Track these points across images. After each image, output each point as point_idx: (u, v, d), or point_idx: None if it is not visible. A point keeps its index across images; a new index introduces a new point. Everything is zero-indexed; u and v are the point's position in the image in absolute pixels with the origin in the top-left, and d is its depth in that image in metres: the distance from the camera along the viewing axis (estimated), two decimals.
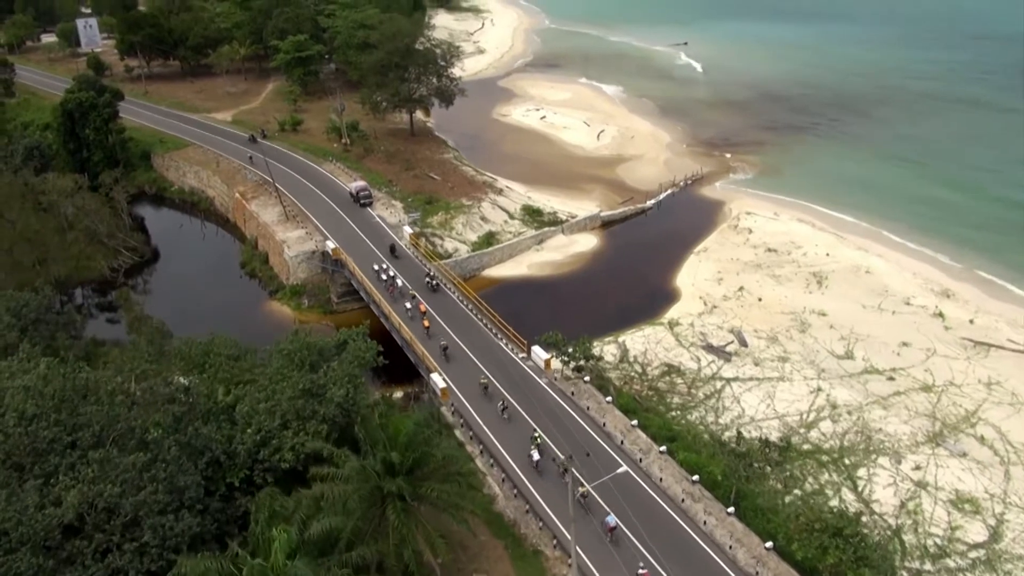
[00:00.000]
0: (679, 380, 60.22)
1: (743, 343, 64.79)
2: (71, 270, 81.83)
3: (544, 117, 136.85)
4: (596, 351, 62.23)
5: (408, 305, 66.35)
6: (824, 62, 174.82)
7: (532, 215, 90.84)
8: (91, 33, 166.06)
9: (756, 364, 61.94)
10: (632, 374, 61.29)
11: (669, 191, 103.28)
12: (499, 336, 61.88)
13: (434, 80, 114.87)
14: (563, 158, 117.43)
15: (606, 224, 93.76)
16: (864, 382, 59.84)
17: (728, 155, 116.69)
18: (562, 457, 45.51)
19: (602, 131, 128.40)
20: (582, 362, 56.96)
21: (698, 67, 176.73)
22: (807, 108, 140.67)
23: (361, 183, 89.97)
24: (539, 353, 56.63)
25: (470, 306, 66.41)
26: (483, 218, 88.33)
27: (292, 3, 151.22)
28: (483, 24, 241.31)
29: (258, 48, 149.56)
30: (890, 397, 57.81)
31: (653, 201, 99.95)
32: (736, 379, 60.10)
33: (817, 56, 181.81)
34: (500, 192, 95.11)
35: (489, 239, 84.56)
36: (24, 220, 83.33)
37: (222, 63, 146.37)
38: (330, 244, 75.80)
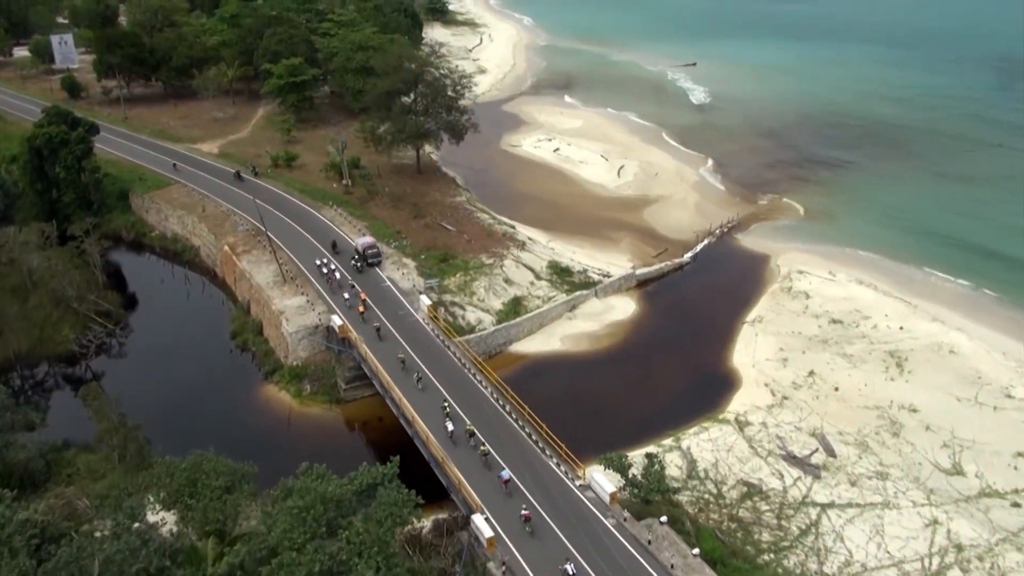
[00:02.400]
0: (764, 506, 50.19)
1: (830, 452, 54.91)
2: (33, 343, 70.94)
3: (558, 149, 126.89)
4: (656, 455, 52.34)
5: (347, 295, 69.72)
6: (849, 86, 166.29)
7: (561, 274, 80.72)
8: (66, 50, 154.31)
9: (852, 483, 52.05)
10: (706, 496, 51.21)
11: (705, 241, 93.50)
12: (540, 443, 51.35)
13: (443, 113, 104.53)
14: (584, 199, 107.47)
15: (642, 283, 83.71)
16: (985, 509, 50.12)
17: (765, 199, 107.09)
18: None
19: (622, 166, 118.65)
20: (656, 497, 46.68)
21: (709, 91, 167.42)
22: (840, 140, 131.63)
23: (369, 239, 79.43)
24: (601, 484, 46.28)
25: (501, 401, 55.85)
26: (507, 280, 78.06)
27: (285, 22, 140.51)
28: (481, 40, 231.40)
29: (248, 70, 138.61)
30: (1021, 532, 47.97)
31: (690, 254, 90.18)
32: (832, 505, 50.15)
33: (840, 79, 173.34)
34: (523, 246, 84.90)
35: (516, 307, 74.32)
36: None
37: (208, 87, 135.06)
38: (336, 320, 65.19)
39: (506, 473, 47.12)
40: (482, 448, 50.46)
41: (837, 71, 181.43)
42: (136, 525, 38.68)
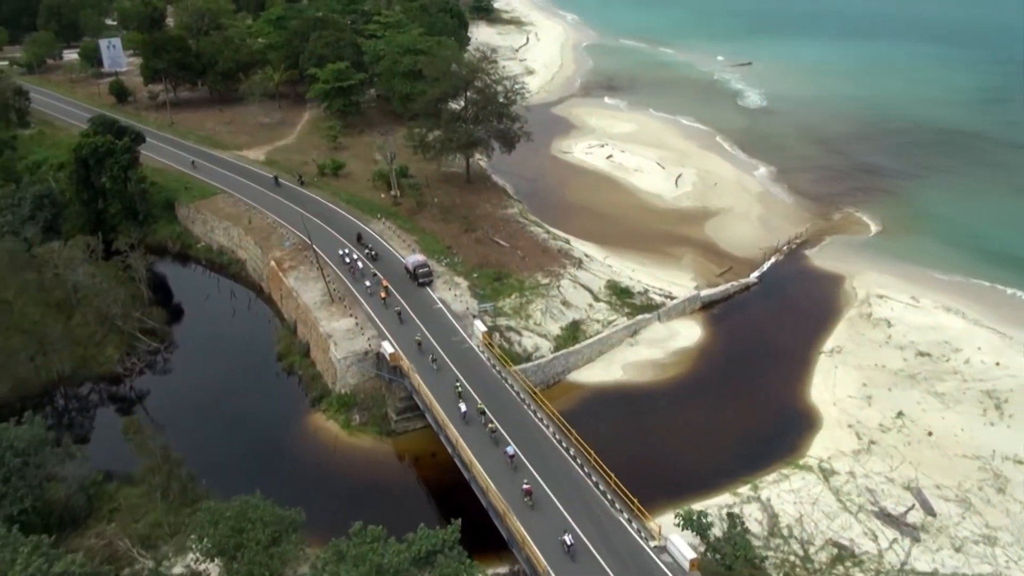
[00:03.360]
0: (858, 573, 45.36)
1: (929, 510, 49.86)
2: (77, 363, 68.72)
3: (611, 156, 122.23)
4: (734, 509, 47.94)
5: (368, 283, 72.05)
6: (916, 89, 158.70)
7: (621, 296, 76.30)
8: (114, 54, 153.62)
9: (956, 548, 46.97)
10: (792, 559, 46.56)
11: (772, 259, 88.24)
12: (608, 494, 47.09)
13: (494, 121, 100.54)
14: (640, 210, 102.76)
15: (706, 305, 78.89)
16: None
17: (835, 213, 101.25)
18: None
19: (679, 175, 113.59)
20: (739, 563, 42.20)
21: (764, 92, 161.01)
22: (910, 148, 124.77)
23: (419, 257, 75.85)
24: (680, 549, 41.79)
25: (565, 444, 51.67)
26: (564, 302, 73.85)
27: (331, 25, 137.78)
28: (527, 39, 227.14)
29: (293, 73, 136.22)
30: None
31: (756, 274, 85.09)
32: (936, 574, 45.01)
33: (905, 81, 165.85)
34: (580, 264, 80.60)
35: (574, 332, 70.12)
36: (23, 302, 70.31)
37: (254, 92, 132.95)
38: (387, 347, 61.65)
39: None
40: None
41: (901, 73, 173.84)
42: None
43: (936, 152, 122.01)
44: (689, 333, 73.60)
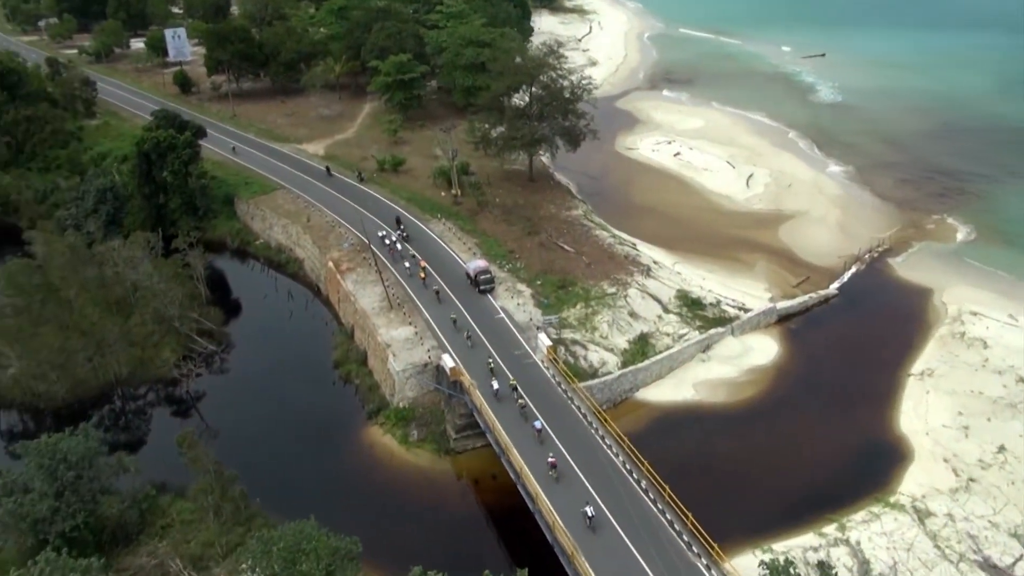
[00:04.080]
0: None
1: None
2: (134, 364, 67.89)
3: (678, 154, 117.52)
4: (820, 553, 44.14)
5: (407, 264, 74.59)
6: (1007, 85, 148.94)
7: (691, 307, 72.32)
8: (179, 43, 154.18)
9: None
10: None
11: (853, 268, 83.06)
12: (683, 535, 43.65)
13: (559, 118, 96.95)
14: (709, 213, 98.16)
15: (783, 318, 74.38)
16: None
17: (920, 218, 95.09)
18: None
19: (751, 175, 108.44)
20: None
21: (839, 86, 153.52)
22: (995, 148, 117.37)
23: (481, 263, 72.98)
24: None
25: (636, 475, 48.29)
26: (632, 313, 70.23)
27: (393, 15, 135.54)
28: (591, 28, 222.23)
29: (355, 65, 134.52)
30: None
31: (836, 284, 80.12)
32: None
33: (984, 75, 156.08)
34: (648, 271, 76.75)
35: (643, 346, 66.51)
36: (83, 300, 69.75)
37: (315, 84, 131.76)
38: (448, 360, 59.03)
39: None
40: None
41: (978, 66, 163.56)
42: None
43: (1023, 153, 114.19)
44: (765, 349, 69.31)
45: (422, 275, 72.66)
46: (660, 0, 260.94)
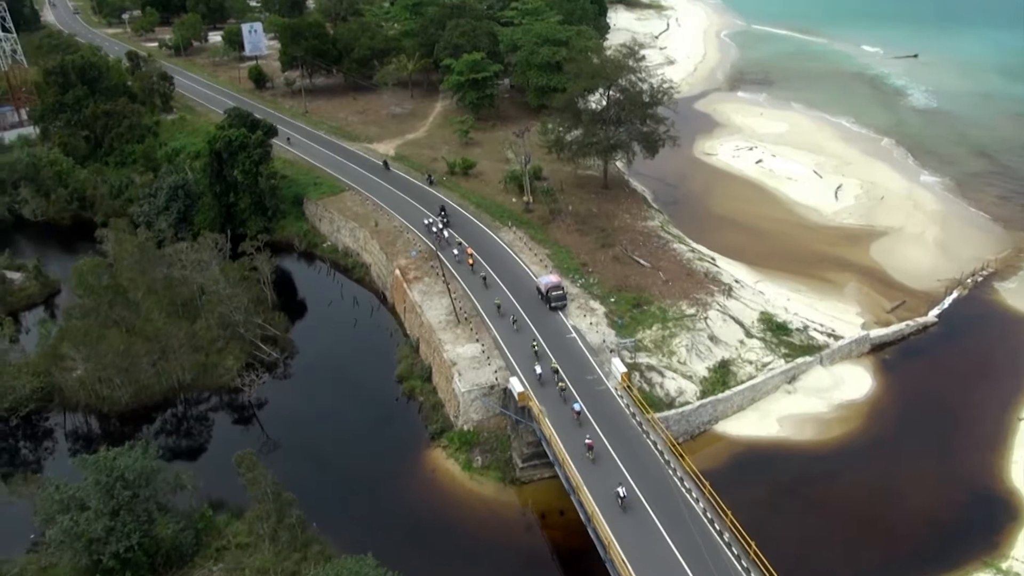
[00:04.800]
0: None
1: None
2: (197, 371, 66.86)
3: (760, 161, 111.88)
4: None
5: (455, 251, 76.45)
6: None
7: (776, 332, 67.58)
8: (255, 38, 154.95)
9: None
10: None
11: (955, 294, 76.84)
12: None
13: (637, 123, 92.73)
14: (795, 226, 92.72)
15: (876, 347, 68.97)
16: None
17: None
18: None
19: (839, 186, 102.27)
20: None
21: (932, 90, 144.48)
22: None
23: (554, 279, 69.62)
24: None
25: (718, 525, 44.31)
26: (712, 337, 65.91)
27: (468, 12, 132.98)
28: (668, 25, 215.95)
29: (427, 62, 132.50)
30: None
31: (936, 311, 74.14)
32: None
33: None
34: (729, 291, 72.14)
35: (723, 374, 62.22)
36: (150, 303, 69.09)
37: (388, 81, 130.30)
38: (516, 384, 55.96)
39: None
40: None
41: None
42: None
43: None
44: (857, 382, 64.18)
45: (470, 261, 75.16)
46: None
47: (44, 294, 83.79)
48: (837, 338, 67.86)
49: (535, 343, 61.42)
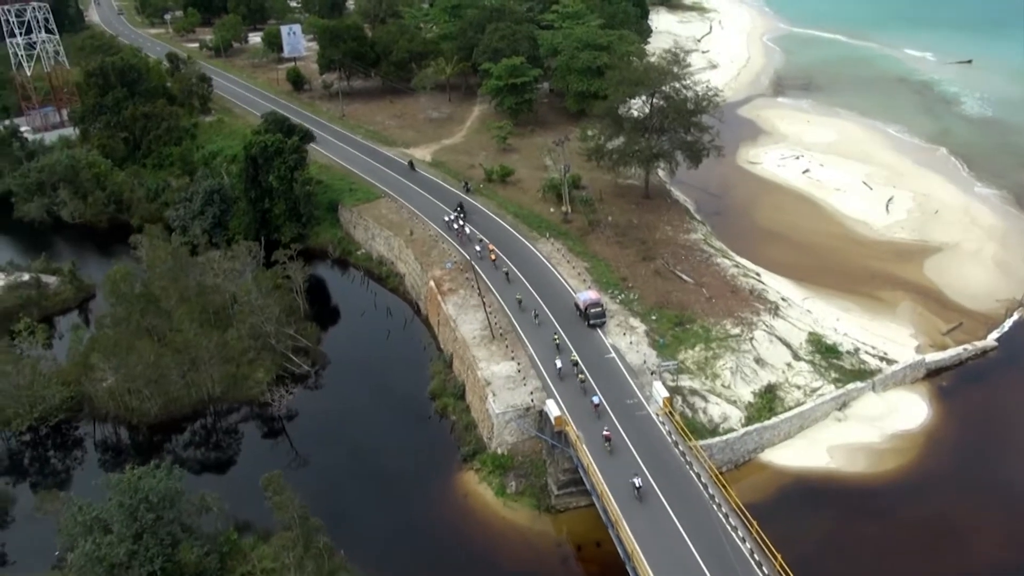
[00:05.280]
0: None
1: None
2: (227, 382, 65.72)
3: (807, 171, 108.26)
4: None
5: (478, 248, 77.99)
6: None
7: (826, 354, 64.46)
8: (294, 40, 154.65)
9: None
10: None
11: (1016, 315, 72.93)
12: None
13: (681, 132, 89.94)
14: (844, 240, 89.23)
15: (931, 372, 65.46)
16: None
17: None
18: None
19: (890, 198, 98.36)
20: None
21: (988, 98, 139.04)
22: None
23: (593, 295, 67.19)
24: None
25: (759, 559, 41.60)
26: (758, 359, 63.01)
27: (508, 15, 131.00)
28: (710, 28, 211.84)
29: (465, 66, 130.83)
30: None
31: (995, 335, 70.33)
32: None
33: None
34: (775, 310, 69.11)
35: (770, 400, 59.30)
36: (181, 312, 68.12)
37: (426, 85, 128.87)
38: (552, 408, 53.75)
39: None
40: None
41: None
42: None
43: None
44: (911, 411, 60.82)
45: (492, 256, 76.36)
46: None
47: (79, 299, 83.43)
48: (890, 362, 64.50)
49: (556, 336, 62.97)
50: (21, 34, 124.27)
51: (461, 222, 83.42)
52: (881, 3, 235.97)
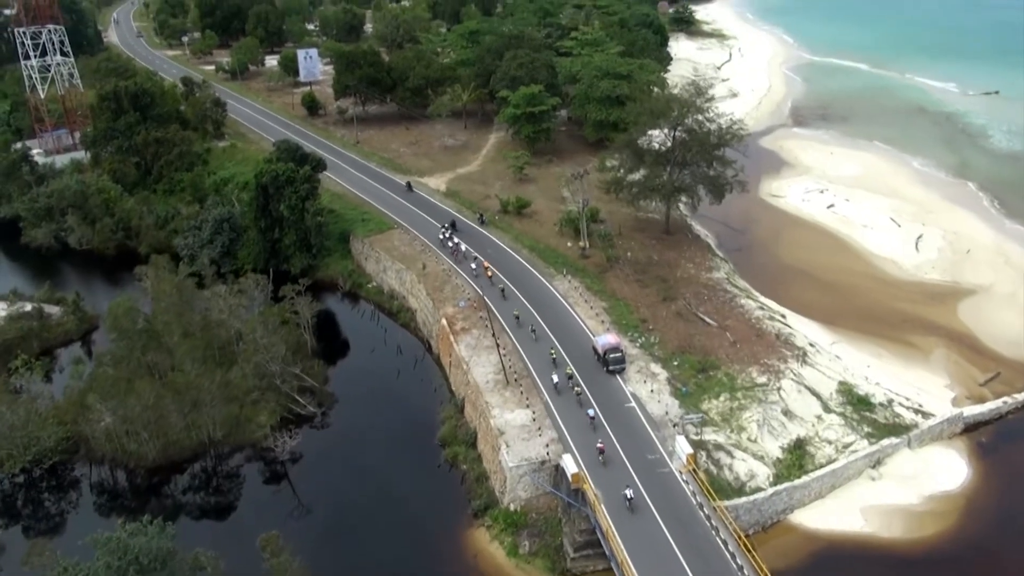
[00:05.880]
0: None
1: None
2: (229, 425, 63.02)
3: (833, 206, 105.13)
4: None
5: (473, 265, 79.32)
6: None
7: (858, 406, 61.12)
8: (310, 65, 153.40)
9: None
10: None
11: None
12: None
13: (704, 166, 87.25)
14: (872, 280, 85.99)
15: (969, 427, 61.89)
16: None
17: None
18: None
19: (920, 236, 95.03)
20: None
21: (1018, 131, 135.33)
22: None
23: (612, 340, 64.08)
24: None
25: None
26: (786, 411, 59.73)
27: (526, 43, 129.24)
28: (730, 55, 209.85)
29: (483, 93, 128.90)
30: None
31: None
32: None
33: None
34: (804, 357, 65.87)
35: (800, 456, 55.94)
36: (184, 349, 65.64)
37: (442, 113, 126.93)
38: (569, 463, 50.69)
39: None
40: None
41: None
42: None
43: None
44: (950, 470, 57.31)
45: (488, 274, 77.78)
46: (806, 26, 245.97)
47: (81, 330, 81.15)
48: (926, 415, 61.04)
49: (553, 351, 64.29)
50: (36, 56, 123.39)
51: (455, 239, 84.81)
52: (901, 32, 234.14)
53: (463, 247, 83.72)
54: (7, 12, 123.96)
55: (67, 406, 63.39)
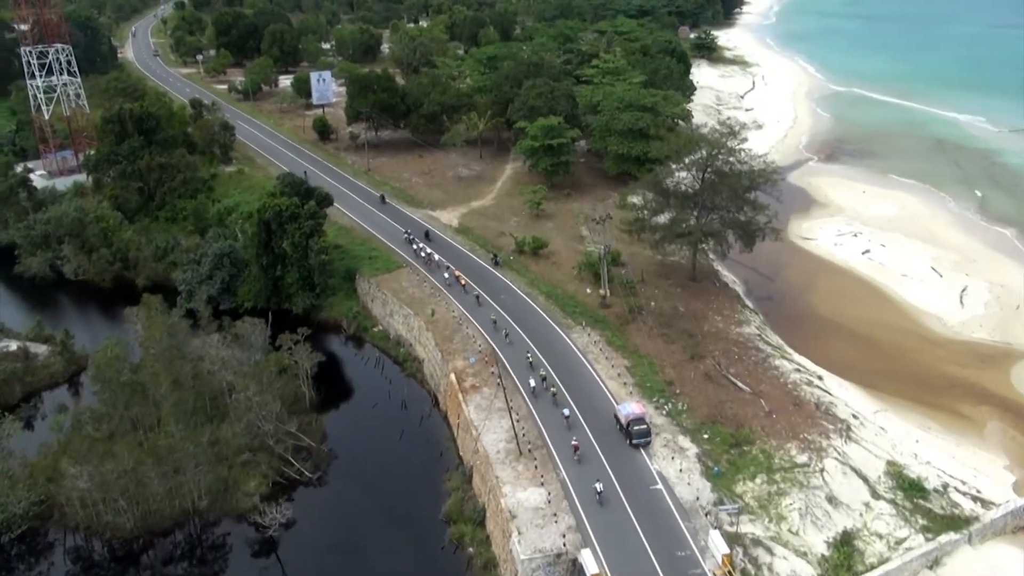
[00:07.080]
0: None
1: None
2: (216, 490, 57.56)
3: (868, 252, 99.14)
4: None
5: (446, 275, 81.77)
6: None
7: (909, 491, 54.96)
8: (323, 88, 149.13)
9: None
10: None
11: None
12: None
13: (733, 210, 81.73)
14: (915, 338, 79.95)
15: None
16: None
17: None
18: None
19: (964, 289, 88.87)
20: None
21: None
22: None
23: (637, 409, 58.27)
24: None
25: None
26: (830, 497, 53.67)
27: (546, 71, 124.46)
28: (753, 84, 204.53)
29: (499, 121, 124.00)
30: None
31: None
32: None
33: None
34: (847, 432, 59.82)
35: (848, 553, 49.75)
36: (171, 403, 60.43)
37: (456, 142, 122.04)
38: (589, 560, 44.91)
39: None
40: None
41: None
42: None
43: None
44: (1018, 573, 50.88)
45: (461, 282, 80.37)
46: (832, 55, 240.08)
47: (68, 372, 76.26)
48: (986, 504, 54.80)
49: (529, 354, 66.71)
50: (42, 76, 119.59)
51: (429, 250, 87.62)
52: (924, 62, 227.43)
53: (436, 257, 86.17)
54: (23, 27, 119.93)
55: (41, 467, 58.14)
